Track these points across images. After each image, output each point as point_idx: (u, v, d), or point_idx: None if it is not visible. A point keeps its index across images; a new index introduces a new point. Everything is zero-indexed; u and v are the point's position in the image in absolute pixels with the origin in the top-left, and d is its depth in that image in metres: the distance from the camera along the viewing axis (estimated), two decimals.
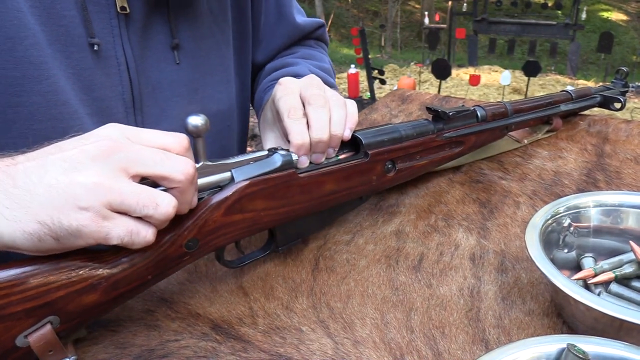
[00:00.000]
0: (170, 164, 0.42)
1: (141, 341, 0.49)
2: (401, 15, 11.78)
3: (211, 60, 0.74)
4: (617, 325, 0.41)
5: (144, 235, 0.42)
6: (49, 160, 0.40)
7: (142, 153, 0.42)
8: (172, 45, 0.67)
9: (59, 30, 0.58)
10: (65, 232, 0.39)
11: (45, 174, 0.39)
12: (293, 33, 0.87)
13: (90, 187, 0.39)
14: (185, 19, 0.68)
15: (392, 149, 0.62)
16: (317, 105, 0.57)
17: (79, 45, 0.59)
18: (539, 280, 0.54)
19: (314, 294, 0.55)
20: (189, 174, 0.43)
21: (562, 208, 0.55)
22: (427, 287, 0.55)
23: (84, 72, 0.60)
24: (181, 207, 0.44)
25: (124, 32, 0.62)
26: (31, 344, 0.41)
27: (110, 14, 0.61)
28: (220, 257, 0.54)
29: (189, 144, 0.45)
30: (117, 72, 0.63)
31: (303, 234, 0.61)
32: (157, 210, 0.41)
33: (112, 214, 0.40)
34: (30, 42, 0.56)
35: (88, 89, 0.61)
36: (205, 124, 0.46)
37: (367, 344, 0.48)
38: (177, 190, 0.43)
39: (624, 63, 8.50)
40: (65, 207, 0.38)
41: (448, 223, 0.66)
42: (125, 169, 0.41)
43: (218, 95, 0.75)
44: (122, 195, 0.40)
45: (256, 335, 0.49)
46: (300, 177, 0.54)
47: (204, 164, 0.48)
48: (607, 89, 0.93)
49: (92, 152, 0.40)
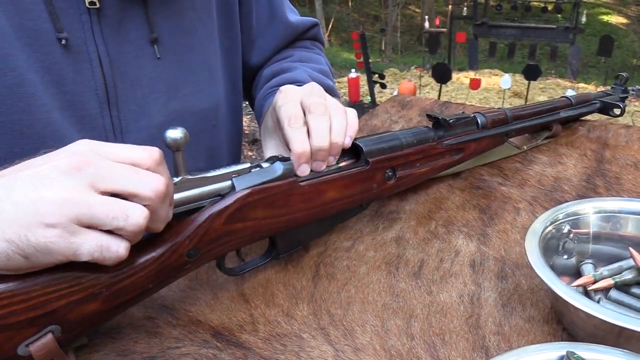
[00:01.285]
0: (139, 180, 0.41)
1: (142, 348, 0.49)
2: (401, 20, 11.80)
3: (194, 58, 0.72)
4: (617, 333, 0.41)
5: (115, 250, 0.40)
6: (18, 177, 0.39)
7: (111, 169, 0.41)
8: (151, 39, 0.66)
9: (27, 24, 0.57)
10: (33, 249, 0.38)
11: (13, 191, 0.38)
12: (287, 33, 0.86)
13: (58, 202, 0.38)
14: (166, 14, 0.67)
15: (392, 157, 0.62)
16: (318, 113, 0.57)
17: (46, 39, 0.59)
18: (539, 287, 0.55)
19: (315, 300, 0.55)
20: (160, 191, 0.42)
21: (561, 214, 0.55)
22: (427, 294, 0.55)
23: (53, 66, 0.60)
24: (154, 224, 0.44)
25: (97, 27, 0.62)
26: (33, 353, 0.41)
27: (80, 9, 0.60)
28: (221, 264, 0.54)
29: (162, 157, 0.44)
30: (89, 67, 0.62)
31: (303, 241, 0.61)
32: (127, 222, 0.40)
33: (82, 230, 0.39)
34: None
35: (58, 83, 0.61)
36: (184, 137, 0.45)
37: (368, 351, 0.48)
38: (148, 207, 0.42)
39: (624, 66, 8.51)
40: (33, 224, 0.37)
41: (448, 229, 0.66)
42: (94, 185, 0.40)
43: (201, 93, 0.74)
44: (91, 208, 0.39)
45: (257, 342, 0.49)
46: (301, 186, 0.55)
47: (183, 178, 0.47)
48: (607, 95, 0.93)
49: (61, 167, 0.39)
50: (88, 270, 0.42)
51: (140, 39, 0.66)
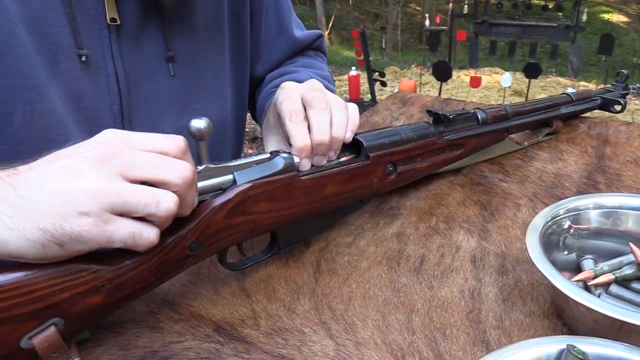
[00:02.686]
0: (168, 168, 0.42)
1: (144, 343, 0.50)
2: (402, 18, 11.79)
3: (205, 75, 0.74)
4: (617, 327, 0.42)
5: (147, 236, 0.42)
6: (48, 168, 0.40)
7: (139, 158, 0.42)
8: (167, 57, 0.68)
9: (48, 39, 0.58)
10: (69, 238, 0.39)
11: (45, 181, 0.39)
12: (292, 47, 0.88)
13: (90, 192, 0.39)
14: (181, 33, 0.69)
15: (393, 152, 0.63)
16: (319, 108, 0.57)
17: (67, 55, 0.59)
18: (539, 282, 0.55)
19: (316, 295, 0.55)
20: (187, 177, 0.43)
21: (562, 210, 0.56)
22: (428, 289, 0.55)
23: (71, 81, 0.60)
24: (182, 210, 0.45)
25: (115, 44, 0.62)
26: (35, 346, 0.41)
27: (101, 25, 0.61)
28: (222, 259, 0.54)
29: (187, 146, 0.45)
30: (105, 82, 0.63)
31: (305, 236, 0.61)
32: (159, 208, 0.41)
33: (114, 217, 0.40)
34: (20, 51, 0.56)
35: (76, 98, 0.61)
36: (208, 127, 0.46)
37: (369, 346, 0.48)
38: (176, 194, 0.43)
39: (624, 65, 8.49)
40: (67, 214, 0.39)
41: (449, 225, 0.66)
42: (124, 174, 0.41)
43: (210, 110, 0.75)
44: (123, 196, 0.40)
45: (258, 337, 0.50)
46: (302, 180, 0.55)
47: (206, 167, 0.49)
48: (608, 92, 0.93)
49: (91, 158, 0.40)
50: (91, 263, 0.42)
51: (156, 56, 0.67)
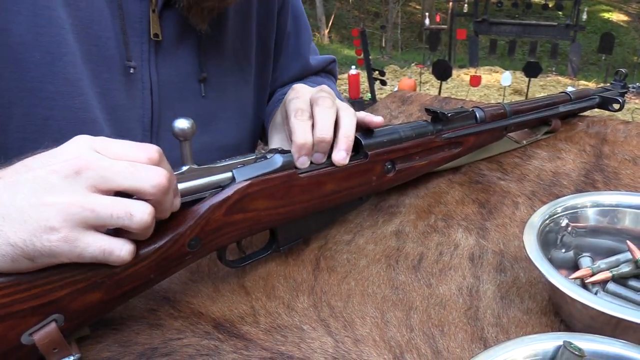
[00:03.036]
0: (140, 176, 0.41)
1: (144, 339, 0.50)
2: (402, 16, 11.78)
3: (229, 96, 0.76)
4: (614, 324, 0.42)
5: (117, 254, 0.41)
6: (18, 182, 0.39)
7: (111, 168, 0.41)
8: (201, 78, 0.70)
9: (92, 49, 0.59)
10: (39, 253, 0.38)
11: (15, 195, 0.39)
12: (304, 71, 0.91)
13: (61, 208, 0.38)
14: (213, 54, 0.71)
15: (391, 150, 0.63)
16: (325, 106, 0.58)
17: (109, 65, 0.61)
18: (537, 280, 0.55)
19: (315, 293, 0.55)
20: (161, 185, 0.42)
21: (559, 208, 0.56)
22: (426, 287, 0.55)
23: (110, 92, 0.62)
24: (159, 214, 0.44)
25: (153, 57, 0.64)
26: (36, 342, 0.41)
27: (142, 39, 0.63)
28: (222, 257, 0.54)
29: (160, 155, 0.44)
30: (140, 95, 0.64)
31: (304, 234, 0.61)
32: (132, 220, 0.41)
33: (86, 233, 0.40)
34: (68, 59, 0.57)
35: (112, 109, 0.62)
36: (191, 127, 0.46)
37: (367, 342, 0.48)
38: (152, 202, 0.42)
39: (624, 64, 8.49)
40: (37, 230, 0.38)
41: (447, 223, 0.67)
42: (96, 186, 0.40)
43: (230, 130, 0.77)
44: (95, 210, 0.39)
45: (258, 334, 0.50)
46: (300, 177, 0.55)
47: (190, 168, 0.48)
48: (606, 91, 0.94)
49: (62, 172, 0.39)
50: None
51: (189, 75, 0.69)
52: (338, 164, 0.57)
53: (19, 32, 0.54)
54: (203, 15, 0.64)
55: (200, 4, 0.62)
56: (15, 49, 0.55)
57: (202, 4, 0.62)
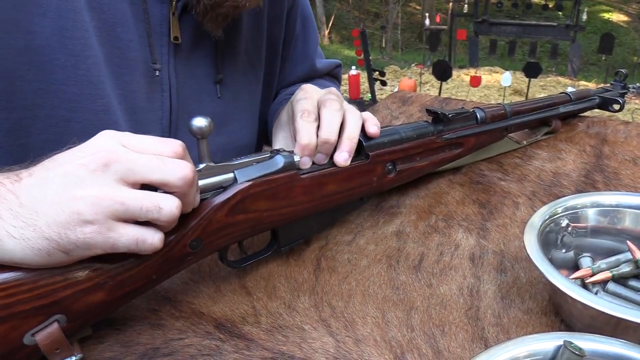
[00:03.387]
0: (167, 169, 0.42)
1: (146, 340, 0.50)
2: (402, 17, 11.78)
3: (242, 97, 0.77)
4: (614, 323, 0.42)
5: (150, 242, 0.43)
6: (48, 177, 0.40)
7: (139, 161, 0.42)
8: (217, 79, 0.71)
9: (115, 52, 0.60)
10: (74, 245, 0.40)
11: (47, 190, 0.40)
12: (310, 74, 0.91)
13: (92, 201, 0.39)
14: (227, 55, 0.72)
15: (392, 151, 0.63)
16: (332, 108, 0.58)
17: (131, 68, 0.62)
18: (537, 280, 0.55)
19: (316, 293, 0.55)
20: (187, 177, 0.43)
21: (560, 208, 0.56)
22: (427, 287, 0.56)
23: (131, 94, 0.62)
24: (183, 208, 0.45)
25: (172, 60, 0.65)
26: (38, 342, 0.41)
27: (162, 42, 0.63)
28: (223, 257, 0.55)
29: (184, 149, 0.45)
30: (160, 97, 0.65)
31: (305, 234, 0.62)
32: (161, 214, 0.42)
33: (118, 224, 0.41)
34: (92, 61, 0.58)
35: (132, 110, 0.63)
36: (209, 125, 0.47)
37: (368, 342, 0.48)
38: (177, 194, 0.43)
39: (625, 64, 8.49)
40: (71, 223, 0.39)
41: (448, 223, 0.67)
42: (124, 179, 0.41)
43: (244, 130, 0.78)
44: (125, 203, 0.40)
45: (259, 334, 0.50)
46: (302, 178, 0.55)
47: (207, 165, 0.49)
48: (606, 91, 0.94)
49: (90, 166, 0.40)
50: (93, 260, 0.43)
51: (205, 77, 0.70)
52: (340, 165, 0.58)
53: (44, 35, 0.55)
54: (217, 21, 0.64)
55: (215, 10, 0.62)
56: (39, 52, 0.55)
57: (217, 10, 0.62)
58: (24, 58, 0.54)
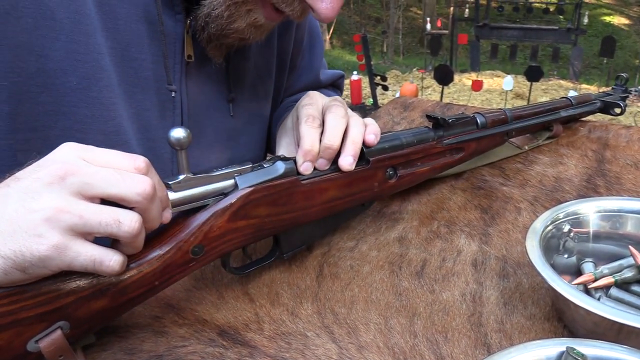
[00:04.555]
0: (125, 184, 0.41)
1: (149, 347, 0.50)
2: (403, 22, 11.81)
3: (253, 112, 0.77)
4: (617, 329, 0.42)
5: (107, 264, 0.41)
6: (8, 193, 0.39)
7: (96, 175, 0.41)
8: (229, 98, 0.71)
9: (129, 71, 0.60)
10: (29, 263, 0.38)
11: (5, 207, 0.39)
12: (313, 85, 0.92)
13: (48, 214, 0.38)
14: (239, 73, 0.72)
15: (393, 156, 0.63)
16: (337, 114, 0.58)
17: (143, 86, 0.62)
18: (540, 285, 0.55)
19: (319, 299, 0.55)
20: (147, 193, 0.42)
21: (561, 214, 0.56)
22: (429, 293, 0.56)
23: (143, 112, 0.63)
24: (147, 224, 0.44)
25: (183, 78, 0.65)
26: (42, 349, 0.41)
27: (176, 60, 0.64)
28: (226, 264, 0.55)
29: (147, 165, 0.44)
30: (171, 115, 0.66)
31: (307, 240, 0.62)
32: (120, 228, 0.41)
33: (75, 241, 0.40)
34: (104, 83, 0.58)
35: (144, 128, 0.63)
36: (187, 136, 0.46)
37: (371, 349, 0.48)
38: (137, 210, 0.42)
39: (626, 67, 8.50)
40: (26, 239, 0.38)
41: (450, 229, 0.67)
42: (81, 192, 0.40)
43: (251, 145, 0.78)
44: (83, 217, 0.39)
45: (262, 341, 0.50)
46: (302, 184, 0.55)
47: (186, 177, 0.48)
48: (607, 95, 0.94)
49: (46, 179, 0.39)
50: None
51: (217, 94, 0.71)
52: (344, 169, 0.58)
53: (57, 58, 0.55)
54: (221, 50, 0.65)
55: (220, 40, 0.63)
56: (52, 75, 0.55)
57: (222, 40, 0.63)
58: (36, 81, 0.54)
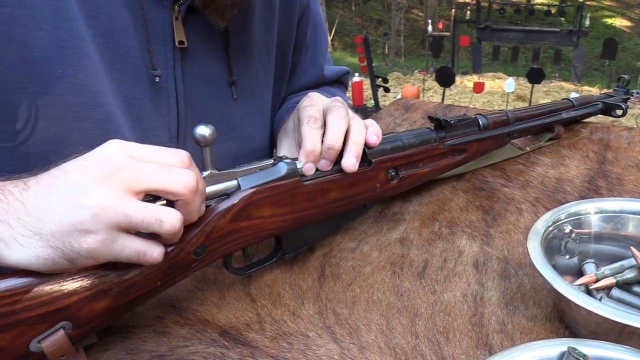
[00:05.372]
0: (171, 178, 0.43)
1: (151, 347, 0.50)
2: (405, 24, 11.82)
3: (255, 100, 0.76)
4: (618, 330, 0.42)
5: (151, 255, 0.43)
6: (54, 185, 0.41)
7: (143, 171, 0.42)
8: (230, 82, 0.70)
9: (115, 59, 0.60)
10: (77, 254, 0.40)
11: (52, 198, 0.40)
12: (319, 81, 0.91)
13: (96, 211, 0.40)
14: (239, 58, 0.71)
15: (395, 157, 0.63)
16: (338, 115, 0.59)
17: (133, 74, 0.61)
18: (541, 286, 0.55)
19: (320, 300, 0.56)
20: (191, 186, 0.44)
21: (563, 215, 0.56)
22: (431, 293, 0.56)
23: (135, 100, 0.62)
24: (189, 216, 0.46)
25: (178, 65, 0.64)
26: (44, 349, 0.42)
27: (167, 47, 0.63)
28: (228, 264, 0.55)
29: (190, 159, 0.46)
30: (166, 103, 0.65)
31: (309, 241, 0.62)
32: (162, 227, 0.42)
33: (121, 235, 0.41)
34: (90, 70, 0.58)
35: (137, 117, 0.63)
36: (212, 133, 0.47)
37: (373, 349, 0.48)
38: (181, 202, 0.44)
39: (628, 69, 8.49)
40: (74, 232, 0.40)
41: (452, 230, 0.67)
42: (129, 188, 0.41)
43: (255, 134, 0.78)
44: (127, 215, 0.41)
45: (264, 341, 0.50)
46: (305, 185, 0.56)
47: (211, 173, 0.49)
48: (609, 97, 0.94)
49: (95, 175, 0.41)
50: (98, 268, 0.43)
51: (218, 81, 0.69)
52: (347, 170, 0.58)
53: (41, 46, 0.55)
54: (219, 12, 0.63)
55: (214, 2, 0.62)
56: (38, 64, 0.55)
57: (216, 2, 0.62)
58: (20, 71, 0.54)
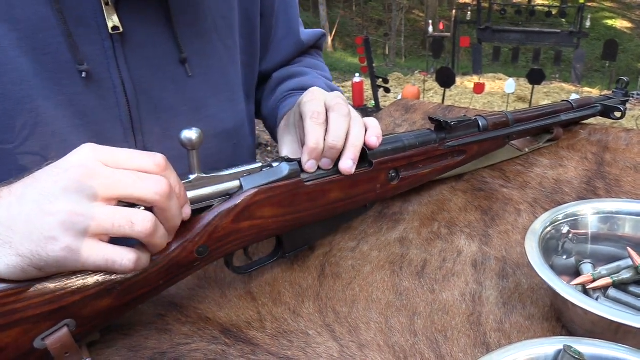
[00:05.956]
0: (143, 185, 0.42)
1: (153, 344, 0.51)
2: (405, 24, 11.82)
3: (216, 79, 0.73)
4: (614, 329, 0.42)
5: (120, 263, 0.42)
6: (25, 193, 0.41)
7: (114, 177, 0.42)
8: (181, 59, 0.67)
9: (45, 59, 0.57)
10: (45, 263, 0.40)
11: (23, 207, 0.40)
12: (297, 47, 0.89)
13: (64, 218, 0.40)
14: (190, 36, 0.68)
15: (395, 158, 0.64)
16: (340, 113, 0.59)
17: (67, 71, 0.59)
18: (539, 286, 0.56)
19: (320, 298, 0.56)
20: (163, 191, 0.43)
21: (560, 215, 0.57)
22: (430, 293, 0.56)
23: (75, 97, 0.60)
24: (167, 223, 0.45)
25: (120, 52, 0.61)
26: (48, 346, 0.42)
27: (102, 35, 0.60)
28: (229, 263, 0.55)
29: (166, 162, 0.45)
30: (112, 94, 0.62)
31: (309, 240, 0.62)
32: (133, 229, 0.42)
33: (89, 242, 0.41)
34: (15, 75, 0.56)
35: (81, 114, 0.61)
36: (198, 137, 0.47)
37: (372, 347, 0.49)
38: (156, 209, 0.43)
39: (628, 70, 8.49)
40: (42, 240, 0.39)
41: (451, 230, 0.68)
42: (98, 195, 0.41)
43: (222, 114, 0.75)
44: (96, 220, 0.40)
45: (264, 339, 0.51)
46: (306, 185, 0.56)
47: (197, 176, 0.49)
48: (608, 99, 0.94)
49: (64, 182, 0.40)
50: None
51: (166, 61, 0.66)
52: (344, 173, 0.58)
53: None
54: None
55: None
56: None
57: None
58: None
